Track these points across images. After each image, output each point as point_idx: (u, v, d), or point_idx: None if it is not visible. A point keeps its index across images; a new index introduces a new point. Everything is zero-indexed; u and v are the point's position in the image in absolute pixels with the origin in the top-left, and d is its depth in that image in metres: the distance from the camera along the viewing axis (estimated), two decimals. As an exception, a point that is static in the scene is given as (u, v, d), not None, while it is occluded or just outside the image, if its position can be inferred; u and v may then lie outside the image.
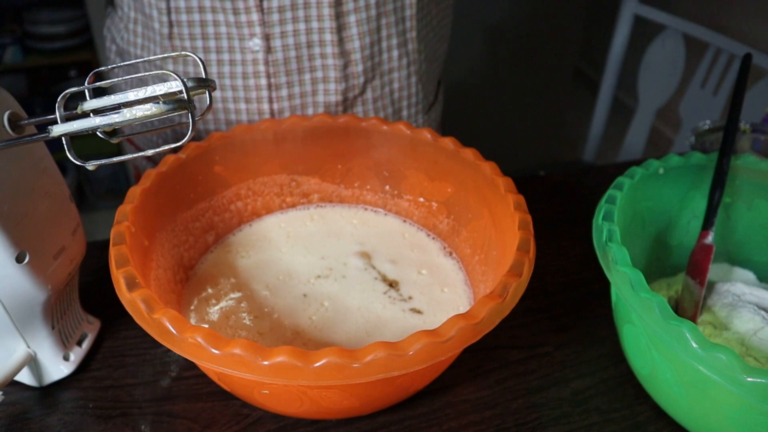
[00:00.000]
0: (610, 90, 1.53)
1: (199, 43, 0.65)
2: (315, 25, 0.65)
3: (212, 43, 0.65)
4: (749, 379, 0.36)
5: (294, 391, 0.39)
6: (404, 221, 0.60)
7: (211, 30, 0.64)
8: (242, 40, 0.64)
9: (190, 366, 0.50)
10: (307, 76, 0.68)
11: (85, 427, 0.46)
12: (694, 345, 0.38)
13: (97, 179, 1.93)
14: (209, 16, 0.64)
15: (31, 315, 0.45)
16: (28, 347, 0.46)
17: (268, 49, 0.65)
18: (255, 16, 0.63)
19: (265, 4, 0.62)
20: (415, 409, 0.48)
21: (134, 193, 0.46)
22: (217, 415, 0.47)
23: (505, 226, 0.47)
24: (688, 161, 0.55)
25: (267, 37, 0.64)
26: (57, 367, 0.48)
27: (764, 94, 1.17)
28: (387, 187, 0.60)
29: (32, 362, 0.47)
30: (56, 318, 0.47)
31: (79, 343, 0.50)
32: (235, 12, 0.63)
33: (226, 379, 0.42)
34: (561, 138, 2.17)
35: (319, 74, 0.68)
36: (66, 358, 0.49)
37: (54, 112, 0.35)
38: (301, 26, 0.65)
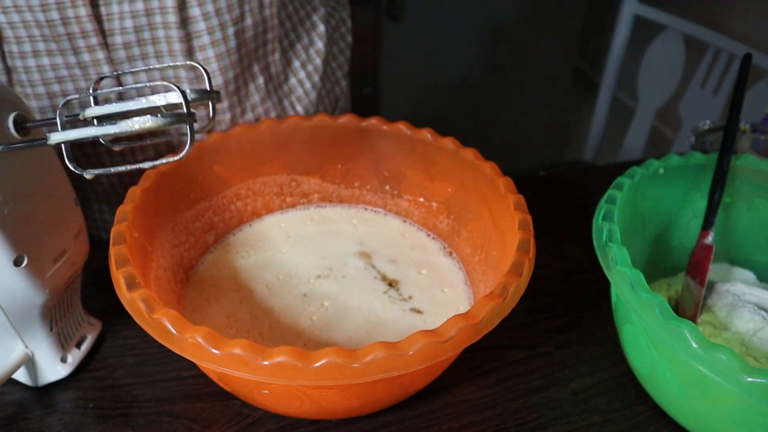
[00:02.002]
0: (610, 90, 1.53)
1: (41, 89, 0.58)
2: (168, 61, 0.58)
3: (55, 88, 0.58)
4: (749, 379, 0.36)
5: (294, 391, 0.39)
6: (404, 221, 0.60)
7: (50, 75, 0.57)
8: (88, 80, 0.57)
9: (190, 366, 0.50)
10: None
11: (85, 427, 0.46)
12: (694, 345, 0.38)
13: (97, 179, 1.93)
14: (45, 60, 0.56)
15: (29, 317, 0.44)
16: (26, 347, 0.46)
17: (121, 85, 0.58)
18: (100, 55, 0.56)
19: (110, 41, 0.55)
20: (415, 409, 0.48)
21: (134, 193, 0.46)
22: (217, 415, 0.47)
23: (505, 226, 0.47)
24: (688, 161, 0.55)
25: (118, 77, 0.58)
26: (54, 368, 0.48)
27: (764, 94, 1.17)
28: (387, 187, 0.60)
29: (29, 362, 0.47)
30: (55, 320, 0.47)
31: (78, 345, 0.50)
32: (76, 52, 0.55)
33: (226, 379, 0.42)
34: (561, 138, 2.17)
35: None
36: (64, 360, 0.49)
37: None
38: (153, 62, 0.57)
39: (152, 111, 0.35)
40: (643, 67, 1.42)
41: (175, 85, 0.35)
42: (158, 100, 0.35)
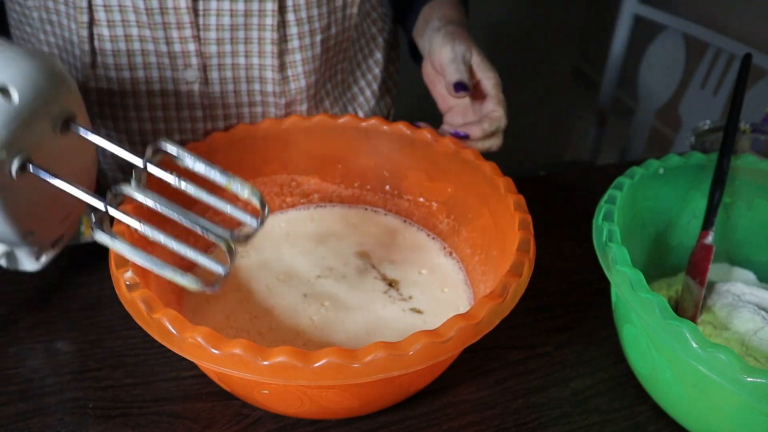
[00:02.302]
0: (610, 90, 1.53)
1: (126, 74, 0.60)
2: (256, 61, 0.61)
3: (141, 74, 0.60)
4: (749, 379, 0.36)
5: (294, 391, 0.39)
6: (404, 221, 0.60)
7: (138, 60, 0.59)
8: (175, 70, 0.60)
9: (190, 366, 0.50)
10: (245, 110, 0.64)
11: (85, 427, 0.46)
12: (694, 345, 0.38)
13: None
14: (137, 45, 0.58)
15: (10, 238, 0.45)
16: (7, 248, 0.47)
17: (205, 81, 0.61)
18: (191, 47, 0.58)
19: (202, 35, 0.58)
20: (415, 409, 0.48)
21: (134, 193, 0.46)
22: (217, 415, 0.47)
23: (505, 226, 0.47)
24: (688, 161, 0.55)
25: (204, 69, 0.60)
26: (29, 262, 0.49)
27: (764, 94, 1.17)
28: (387, 187, 0.60)
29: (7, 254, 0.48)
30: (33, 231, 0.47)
31: (55, 245, 0.50)
32: (168, 42, 0.58)
33: (226, 379, 0.42)
34: (561, 138, 2.17)
35: (259, 109, 0.65)
36: (38, 258, 0.49)
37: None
38: (241, 60, 0.61)
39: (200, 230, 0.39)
40: (643, 67, 1.42)
41: (223, 236, 0.39)
42: (208, 231, 0.39)
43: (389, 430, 0.47)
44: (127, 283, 0.39)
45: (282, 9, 0.59)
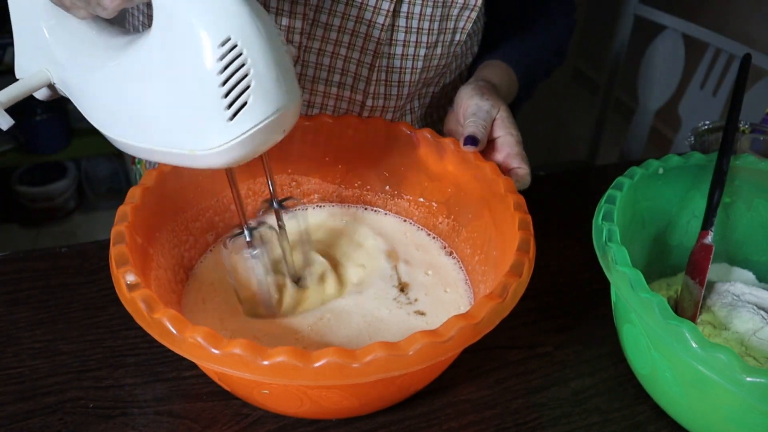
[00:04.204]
0: (610, 90, 1.53)
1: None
2: (356, 55, 0.62)
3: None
4: (749, 379, 0.36)
5: (294, 391, 0.39)
6: (404, 221, 0.60)
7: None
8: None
9: (190, 366, 0.50)
10: (330, 102, 0.65)
11: (85, 427, 0.46)
12: (694, 345, 0.38)
13: (97, 179, 1.93)
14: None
15: None
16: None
17: (301, 62, 0.62)
18: (297, 23, 0.59)
19: (311, 15, 0.59)
20: (415, 409, 0.48)
21: (134, 193, 0.46)
22: (217, 415, 0.47)
23: (505, 226, 0.47)
24: (688, 161, 0.55)
25: (303, 49, 0.61)
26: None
27: (764, 94, 1.17)
28: (387, 187, 0.60)
29: None
30: None
31: None
32: (278, 12, 0.59)
33: (226, 379, 0.42)
34: (561, 138, 2.17)
35: (343, 105, 0.66)
36: None
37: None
38: (342, 51, 0.62)
39: None
40: (643, 67, 1.42)
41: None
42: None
43: (389, 430, 0.47)
44: (128, 283, 0.39)
45: (396, 13, 0.60)
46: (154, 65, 0.36)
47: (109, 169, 1.93)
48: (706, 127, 0.68)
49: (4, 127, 0.41)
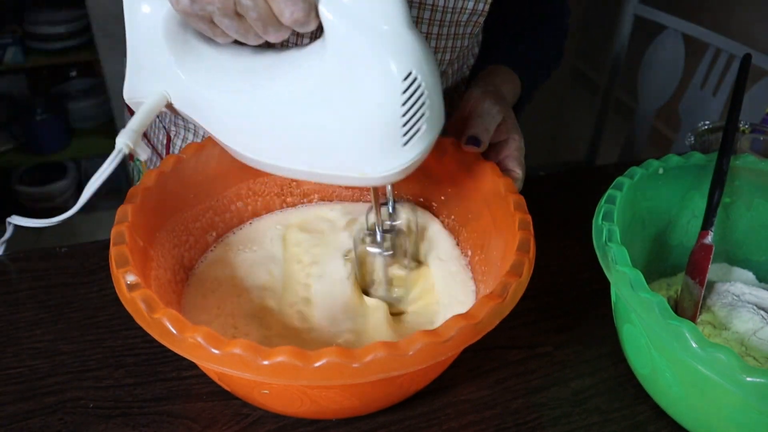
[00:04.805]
0: (610, 90, 1.53)
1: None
2: None
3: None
4: (749, 379, 0.36)
5: (294, 391, 0.39)
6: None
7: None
8: (292, 34, 0.60)
9: (190, 366, 0.50)
10: None
11: (85, 427, 0.46)
12: (694, 345, 0.38)
13: (97, 179, 1.93)
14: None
15: None
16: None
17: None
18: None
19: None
20: (415, 409, 0.48)
21: (134, 193, 0.46)
22: (217, 415, 0.47)
23: (505, 226, 0.47)
24: (688, 161, 0.55)
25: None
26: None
27: (764, 94, 1.17)
28: (387, 188, 0.60)
29: None
30: None
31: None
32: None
33: (226, 379, 0.42)
34: (561, 138, 2.17)
35: None
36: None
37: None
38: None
39: None
40: (643, 67, 1.42)
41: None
42: None
43: (389, 430, 0.47)
44: (128, 283, 0.39)
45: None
46: (326, 91, 0.38)
47: (109, 169, 1.92)
48: (706, 127, 0.68)
49: (144, 158, 0.43)
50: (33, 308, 0.55)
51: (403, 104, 0.37)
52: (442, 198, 0.57)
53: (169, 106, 0.44)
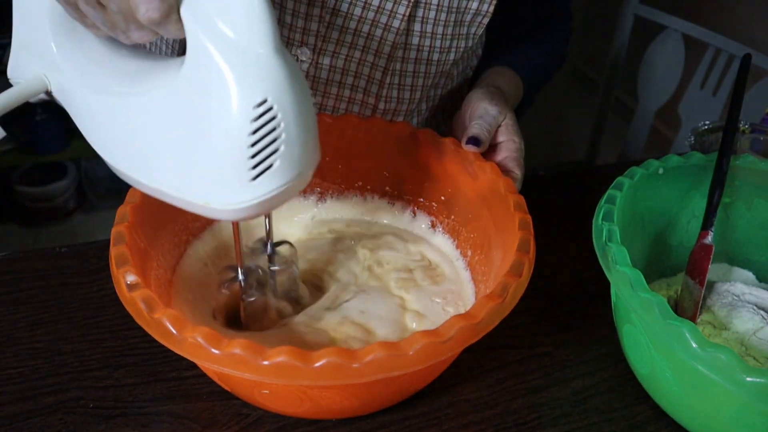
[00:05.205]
0: (610, 90, 1.53)
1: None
2: (370, 58, 0.62)
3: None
4: (749, 379, 0.36)
5: (294, 391, 0.39)
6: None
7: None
8: (291, 45, 0.61)
9: (190, 366, 0.50)
10: (342, 105, 0.65)
11: (85, 427, 0.46)
12: (694, 345, 0.38)
13: (97, 179, 1.93)
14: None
15: None
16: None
17: (316, 64, 0.62)
18: (313, 26, 0.60)
19: (327, 17, 0.59)
20: (415, 409, 0.48)
21: (135, 193, 0.46)
22: (217, 415, 0.47)
23: (505, 226, 0.47)
24: (688, 161, 0.55)
25: (318, 51, 0.61)
26: None
27: (764, 94, 1.17)
28: (387, 188, 0.60)
29: None
30: None
31: None
32: (294, 14, 0.59)
33: (226, 379, 0.42)
34: (561, 138, 2.17)
35: (355, 108, 0.66)
36: None
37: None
38: (357, 54, 0.62)
39: None
40: (643, 67, 1.42)
41: None
42: None
43: (389, 430, 0.47)
44: (128, 283, 0.39)
45: (411, 17, 0.60)
46: (179, 108, 0.35)
47: (109, 169, 1.92)
48: (706, 127, 0.68)
49: None
50: (33, 308, 0.55)
51: (253, 133, 0.33)
52: (442, 198, 0.57)
53: (49, 94, 0.41)
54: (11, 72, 0.42)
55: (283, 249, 0.48)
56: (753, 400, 0.37)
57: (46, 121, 1.77)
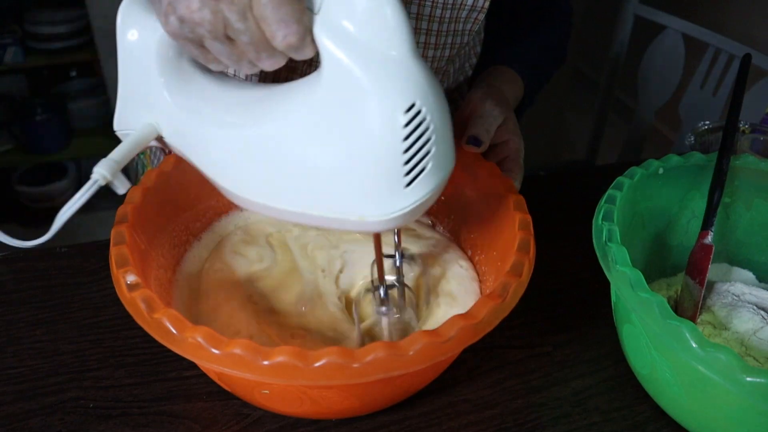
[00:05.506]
0: (610, 90, 1.53)
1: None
2: None
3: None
4: (749, 379, 0.36)
5: (294, 391, 0.39)
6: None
7: None
8: None
9: (190, 366, 0.50)
10: None
11: (85, 427, 0.46)
12: (694, 345, 0.38)
13: (97, 179, 1.93)
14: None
15: None
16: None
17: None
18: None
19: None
20: (415, 409, 0.48)
21: (135, 193, 0.46)
22: (217, 415, 0.47)
23: (505, 226, 0.47)
24: (688, 161, 0.55)
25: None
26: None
27: (764, 94, 1.17)
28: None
29: None
30: None
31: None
32: None
33: (227, 379, 0.42)
34: (561, 138, 2.17)
35: None
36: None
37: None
38: None
39: None
40: (643, 67, 1.42)
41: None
42: None
43: (389, 430, 0.47)
44: (128, 283, 0.39)
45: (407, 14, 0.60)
46: (321, 128, 0.34)
47: (109, 169, 1.92)
48: (706, 127, 0.68)
49: (121, 192, 0.41)
50: (33, 308, 0.55)
51: (405, 139, 0.33)
52: (442, 198, 0.57)
53: (159, 138, 0.41)
54: (118, 125, 0.42)
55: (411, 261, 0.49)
56: (753, 400, 0.37)
57: (46, 121, 1.77)
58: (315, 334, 0.47)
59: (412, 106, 0.33)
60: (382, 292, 0.45)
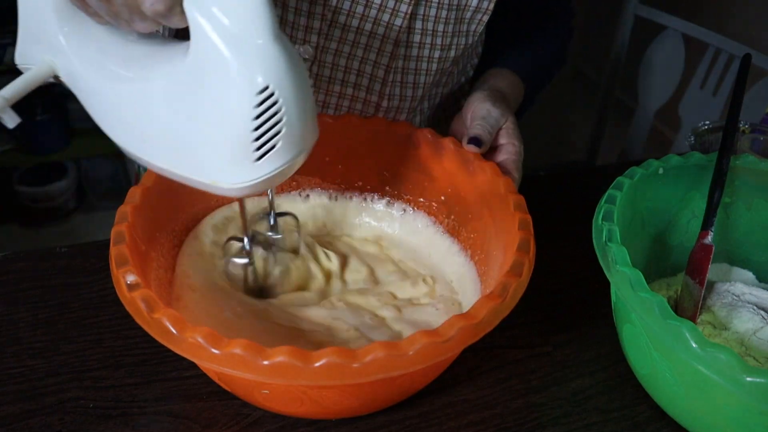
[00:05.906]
0: (610, 90, 1.53)
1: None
2: (372, 56, 0.63)
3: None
4: (749, 379, 0.36)
5: (294, 391, 0.39)
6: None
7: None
8: (293, 42, 0.60)
9: (191, 366, 0.50)
10: (345, 103, 0.66)
11: (85, 427, 0.46)
12: (694, 345, 0.38)
13: (97, 179, 1.93)
14: None
15: None
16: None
17: (318, 62, 0.62)
18: (315, 23, 0.60)
19: (330, 16, 0.59)
20: (415, 409, 0.48)
21: (135, 193, 0.46)
22: (217, 415, 0.47)
23: (505, 226, 0.47)
24: (688, 161, 0.55)
25: (320, 50, 0.61)
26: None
27: (764, 94, 1.17)
28: (387, 188, 0.60)
29: None
30: None
31: None
32: (297, 12, 0.60)
33: (226, 379, 0.42)
34: (561, 138, 2.17)
35: (358, 106, 0.66)
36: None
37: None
38: (359, 52, 0.62)
39: None
40: (643, 67, 1.42)
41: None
42: None
43: (389, 430, 0.47)
44: (128, 283, 0.39)
45: (413, 15, 0.61)
46: (185, 95, 0.36)
47: (109, 169, 1.92)
48: (706, 127, 0.68)
49: (11, 125, 0.41)
50: (33, 308, 0.55)
51: (256, 118, 0.35)
52: (442, 198, 0.57)
53: (57, 78, 0.42)
54: (19, 59, 0.43)
55: (286, 219, 0.50)
56: (753, 400, 0.37)
57: (46, 121, 1.77)
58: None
59: (265, 88, 0.35)
60: (246, 243, 0.48)
